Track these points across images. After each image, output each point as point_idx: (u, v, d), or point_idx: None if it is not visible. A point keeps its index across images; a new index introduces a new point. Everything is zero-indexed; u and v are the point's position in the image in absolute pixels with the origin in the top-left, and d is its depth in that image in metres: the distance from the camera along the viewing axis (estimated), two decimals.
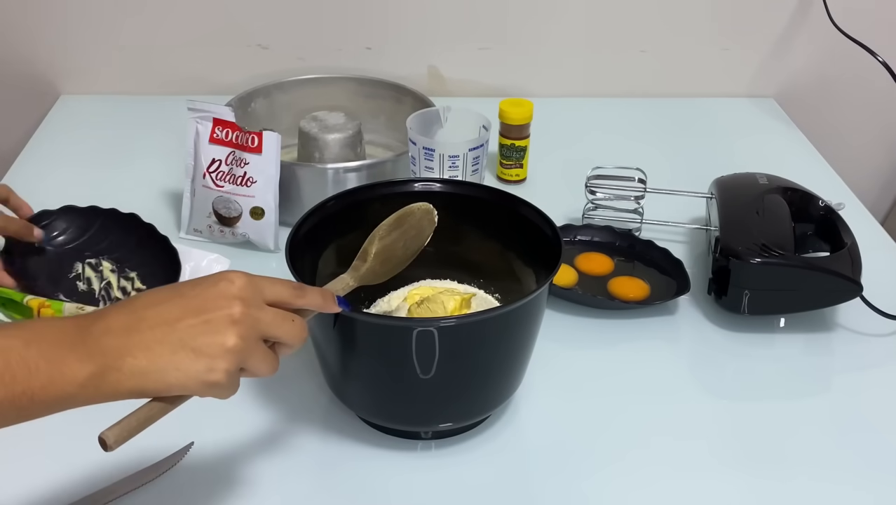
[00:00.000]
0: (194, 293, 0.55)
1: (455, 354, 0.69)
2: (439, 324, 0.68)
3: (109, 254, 0.94)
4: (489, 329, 0.70)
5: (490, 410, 0.78)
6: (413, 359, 0.68)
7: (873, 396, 0.85)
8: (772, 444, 0.79)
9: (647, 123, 1.35)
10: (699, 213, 1.07)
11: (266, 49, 1.36)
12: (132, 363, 0.52)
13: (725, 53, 1.40)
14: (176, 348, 0.52)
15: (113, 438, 0.52)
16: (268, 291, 0.58)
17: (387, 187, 0.85)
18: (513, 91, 1.35)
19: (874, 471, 0.76)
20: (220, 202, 1.00)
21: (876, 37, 1.27)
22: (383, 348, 0.70)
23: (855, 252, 0.91)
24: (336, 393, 0.77)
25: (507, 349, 0.73)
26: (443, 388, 0.72)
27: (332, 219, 0.80)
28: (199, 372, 0.53)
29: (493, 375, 0.74)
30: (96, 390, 0.51)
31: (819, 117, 1.41)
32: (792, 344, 0.91)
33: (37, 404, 0.50)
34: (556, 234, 0.76)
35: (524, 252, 0.81)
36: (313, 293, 0.63)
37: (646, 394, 0.84)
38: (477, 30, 1.36)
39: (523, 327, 0.73)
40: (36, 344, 0.50)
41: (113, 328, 0.52)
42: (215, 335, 0.53)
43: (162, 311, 0.54)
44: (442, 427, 0.76)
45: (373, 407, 0.76)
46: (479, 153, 1.02)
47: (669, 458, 0.77)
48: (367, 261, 0.72)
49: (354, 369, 0.74)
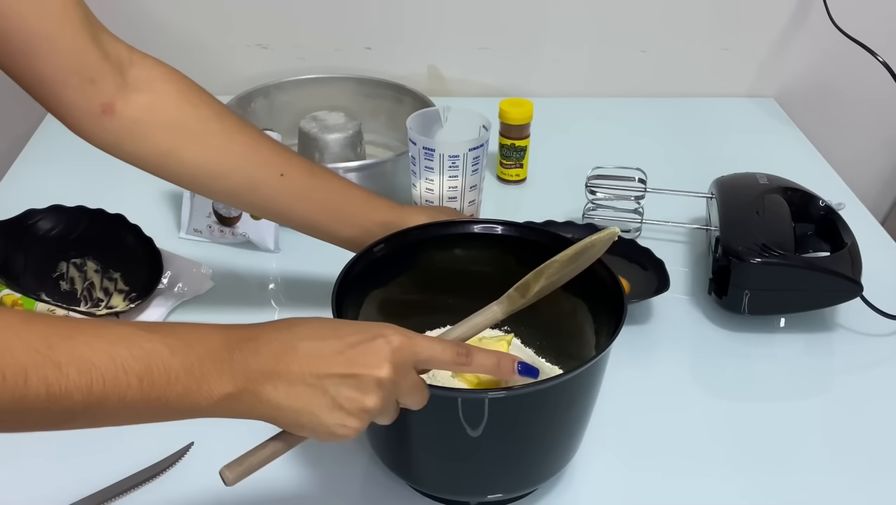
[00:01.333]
0: (351, 340, 0.54)
1: (506, 423, 0.62)
2: (489, 396, 0.60)
3: (94, 254, 0.94)
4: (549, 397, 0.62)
5: (544, 480, 0.70)
6: (464, 428, 0.61)
7: (873, 396, 0.85)
8: (772, 444, 0.79)
9: (648, 123, 1.35)
10: (699, 213, 1.07)
11: (266, 49, 1.36)
12: (272, 393, 0.51)
13: (726, 53, 1.40)
14: (317, 394, 0.52)
15: (233, 478, 0.55)
16: (424, 353, 0.56)
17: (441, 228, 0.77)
18: (513, 91, 1.35)
19: (874, 471, 0.76)
20: (220, 202, 1.00)
21: (876, 37, 1.27)
22: (431, 416, 0.60)
23: (855, 252, 0.91)
24: (378, 453, 0.71)
25: (563, 418, 0.65)
26: (492, 458, 0.64)
27: (378, 263, 0.73)
28: (331, 424, 0.53)
29: (548, 444, 0.66)
30: (227, 408, 0.51)
31: (819, 117, 1.41)
32: (792, 344, 0.91)
33: (168, 411, 0.50)
34: (620, 288, 0.68)
35: (585, 304, 0.72)
36: (484, 358, 0.58)
37: (646, 394, 0.84)
38: (477, 29, 1.36)
39: (583, 394, 0.66)
40: (181, 355, 0.49)
41: (262, 352, 0.52)
42: (358, 393, 0.53)
43: (315, 348, 0.53)
44: (490, 498, 0.69)
45: (419, 474, 0.69)
46: (479, 153, 1.02)
47: (669, 458, 0.77)
48: (525, 297, 0.65)
49: (402, 436, 0.65)
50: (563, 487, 0.73)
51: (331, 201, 0.82)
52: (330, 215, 0.81)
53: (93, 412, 0.47)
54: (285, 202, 0.80)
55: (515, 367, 0.58)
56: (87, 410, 0.47)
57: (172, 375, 0.49)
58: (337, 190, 0.82)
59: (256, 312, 0.92)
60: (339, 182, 0.84)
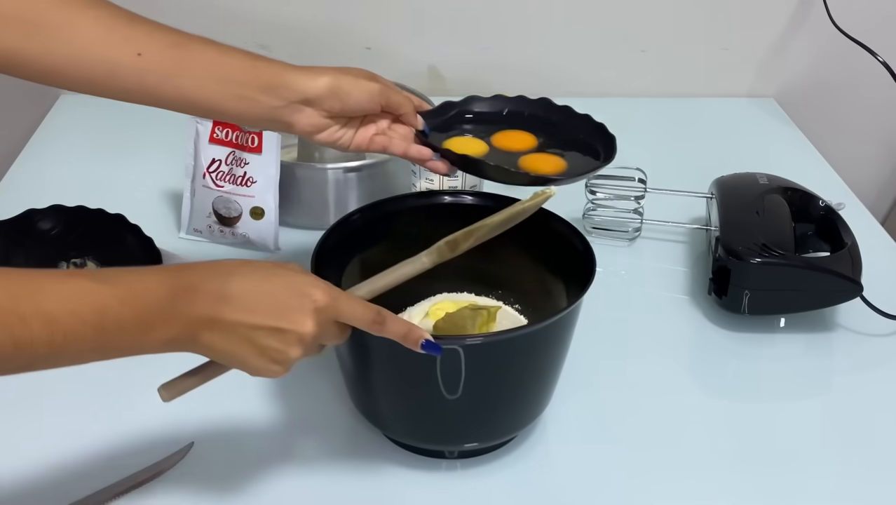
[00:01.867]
0: (281, 296, 0.59)
1: (482, 373, 0.67)
2: (465, 342, 0.65)
3: (94, 254, 0.94)
4: (518, 347, 0.68)
5: (518, 430, 0.75)
6: (438, 378, 0.66)
7: (873, 396, 0.85)
8: (771, 444, 0.79)
9: (648, 123, 1.35)
10: (699, 213, 1.07)
11: (266, 49, 1.36)
12: (208, 338, 0.57)
13: (726, 53, 1.40)
14: (247, 342, 0.58)
15: (168, 396, 0.61)
16: (345, 313, 0.61)
17: (415, 199, 0.83)
18: (513, 91, 1.34)
19: (874, 471, 0.76)
20: (220, 202, 1.00)
21: (876, 37, 1.27)
22: (408, 367, 0.67)
23: (855, 252, 0.91)
24: (358, 407, 0.75)
25: (535, 368, 0.71)
26: (469, 407, 0.70)
27: (357, 232, 0.78)
28: (258, 367, 0.59)
29: (521, 395, 0.71)
30: (169, 349, 0.57)
31: (819, 117, 1.41)
32: (792, 344, 0.91)
33: (117, 353, 0.56)
34: (588, 247, 0.74)
35: (553, 264, 0.78)
36: (395, 325, 0.63)
37: (646, 393, 0.84)
38: (477, 30, 1.36)
39: (555, 345, 0.71)
40: (130, 306, 0.54)
41: (199, 302, 0.57)
42: (283, 345, 0.59)
43: (247, 301, 0.58)
44: (467, 447, 0.74)
45: (397, 425, 0.74)
46: None
47: (669, 458, 0.77)
48: (454, 252, 0.68)
49: (379, 386, 0.72)
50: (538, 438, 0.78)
51: (204, 73, 0.72)
52: (206, 90, 0.72)
53: (52, 360, 0.53)
54: (151, 82, 0.71)
55: (420, 341, 0.62)
56: (47, 359, 0.52)
57: (124, 325, 0.54)
58: (211, 59, 0.72)
59: None
60: (214, 50, 0.73)
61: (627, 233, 1.06)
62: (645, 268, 1.02)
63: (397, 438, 0.76)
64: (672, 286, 0.98)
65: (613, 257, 1.03)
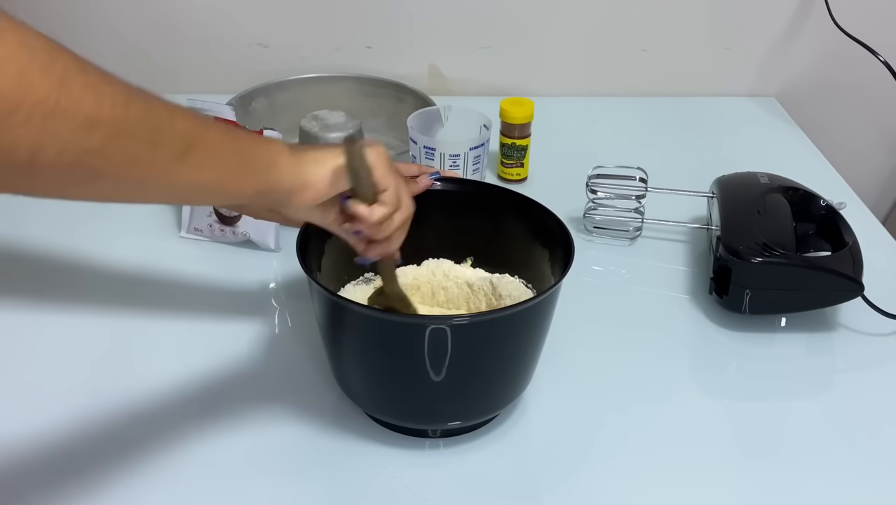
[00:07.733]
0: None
1: (468, 352, 0.69)
2: (452, 322, 0.67)
3: None
4: (502, 328, 0.70)
5: (499, 408, 0.78)
6: (424, 356, 0.68)
7: (874, 395, 0.84)
8: (772, 444, 0.79)
9: (648, 122, 1.35)
10: (700, 212, 1.07)
11: (266, 48, 1.37)
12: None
13: (727, 52, 1.40)
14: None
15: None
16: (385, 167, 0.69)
17: None
18: (514, 90, 1.35)
19: (875, 471, 0.76)
20: None
21: (877, 36, 1.27)
22: (394, 347, 0.70)
23: (856, 251, 0.91)
24: (344, 389, 0.77)
25: (516, 348, 0.73)
26: (452, 386, 0.71)
27: None
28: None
29: (502, 374, 0.74)
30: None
31: (820, 116, 1.41)
32: (793, 344, 0.91)
33: (239, 197, 0.62)
34: (567, 235, 0.76)
35: (548, 248, 0.81)
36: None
37: (646, 393, 0.84)
38: (478, 28, 1.36)
39: (535, 326, 0.73)
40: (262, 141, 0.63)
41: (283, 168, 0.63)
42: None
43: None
44: (450, 425, 0.76)
45: (381, 404, 0.76)
46: (479, 152, 1.02)
47: (669, 457, 0.76)
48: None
49: (363, 365, 0.74)
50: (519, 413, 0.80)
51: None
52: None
53: (185, 165, 0.57)
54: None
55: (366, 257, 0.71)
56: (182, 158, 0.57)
57: (258, 156, 0.61)
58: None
59: (256, 312, 0.91)
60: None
61: (628, 232, 1.05)
62: (646, 267, 1.02)
63: (380, 417, 0.77)
64: (673, 285, 0.98)
65: (614, 256, 1.03)
